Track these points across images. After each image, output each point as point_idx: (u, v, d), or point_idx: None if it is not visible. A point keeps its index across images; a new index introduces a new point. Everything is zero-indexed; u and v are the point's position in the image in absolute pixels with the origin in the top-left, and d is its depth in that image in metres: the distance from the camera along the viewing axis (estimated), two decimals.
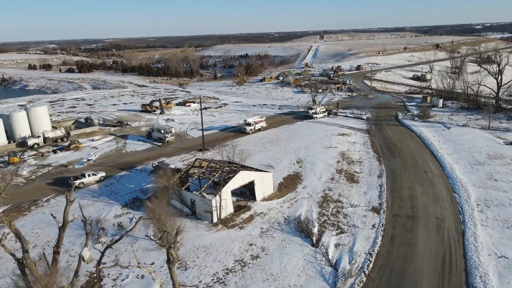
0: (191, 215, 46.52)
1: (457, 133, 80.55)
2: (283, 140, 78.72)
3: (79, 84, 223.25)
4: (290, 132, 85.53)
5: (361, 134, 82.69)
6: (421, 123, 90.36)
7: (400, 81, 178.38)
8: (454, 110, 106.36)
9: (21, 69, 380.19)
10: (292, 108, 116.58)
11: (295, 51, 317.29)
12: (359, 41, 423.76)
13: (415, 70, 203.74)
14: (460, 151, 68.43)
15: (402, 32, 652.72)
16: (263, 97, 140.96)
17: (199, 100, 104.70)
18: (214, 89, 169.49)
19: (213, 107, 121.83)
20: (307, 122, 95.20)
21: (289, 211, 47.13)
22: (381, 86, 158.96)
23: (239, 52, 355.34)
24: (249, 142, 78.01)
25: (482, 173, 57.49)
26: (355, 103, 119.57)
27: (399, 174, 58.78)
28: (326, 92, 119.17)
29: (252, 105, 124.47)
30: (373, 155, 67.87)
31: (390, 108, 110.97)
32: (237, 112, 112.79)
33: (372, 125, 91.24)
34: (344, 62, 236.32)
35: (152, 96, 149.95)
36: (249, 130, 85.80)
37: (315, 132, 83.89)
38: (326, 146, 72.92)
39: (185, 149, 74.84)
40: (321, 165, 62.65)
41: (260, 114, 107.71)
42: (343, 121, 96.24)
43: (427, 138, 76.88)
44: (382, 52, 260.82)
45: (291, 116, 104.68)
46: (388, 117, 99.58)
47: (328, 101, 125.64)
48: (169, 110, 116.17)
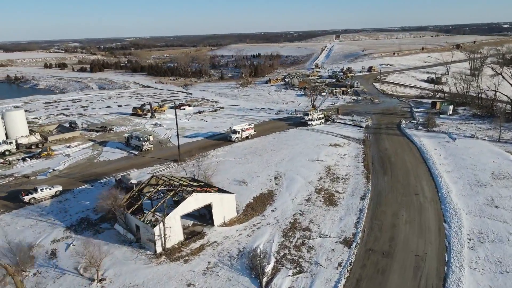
0: (136, 242, 40.95)
1: (462, 145, 72.57)
2: (268, 150, 72.47)
3: (87, 84, 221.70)
4: (278, 141, 79.15)
5: (355, 145, 75.61)
6: (424, 133, 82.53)
7: (413, 84, 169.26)
8: (465, 117, 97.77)
9: (37, 68, 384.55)
10: (290, 113, 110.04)
11: (308, 51, 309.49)
12: (376, 41, 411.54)
13: (431, 72, 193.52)
14: (461, 168, 60.75)
15: (425, 31, 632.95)
16: (263, 101, 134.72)
17: (192, 103, 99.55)
18: (217, 90, 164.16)
19: (208, 110, 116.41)
20: (301, 130, 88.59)
21: (247, 240, 41.01)
22: (391, 89, 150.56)
23: (252, 52, 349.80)
24: (231, 152, 72.15)
25: (482, 197, 49.93)
26: (358, 108, 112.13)
27: (385, 195, 51.77)
28: (325, 96, 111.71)
29: (249, 109, 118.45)
30: (362, 171, 60.92)
31: (394, 115, 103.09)
32: (231, 117, 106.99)
33: (371, 134, 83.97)
34: (357, 63, 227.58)
35: (152, 98, 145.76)
36: (235, 138, 79.90)
37: (305, 142, 77.26)
38: (313, 159, 66.29)
39: (161, 160, 69.46)
40: (300, 182, 56.19)
41: (256, 119, 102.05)
42: (340, 129, 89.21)
43: (427, 151, 69.27)
44: (397, 52, 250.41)
45: (286, 122, 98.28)
46: (389, 125, 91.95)
47: (330, 105, 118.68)
48: (162, 114, 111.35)
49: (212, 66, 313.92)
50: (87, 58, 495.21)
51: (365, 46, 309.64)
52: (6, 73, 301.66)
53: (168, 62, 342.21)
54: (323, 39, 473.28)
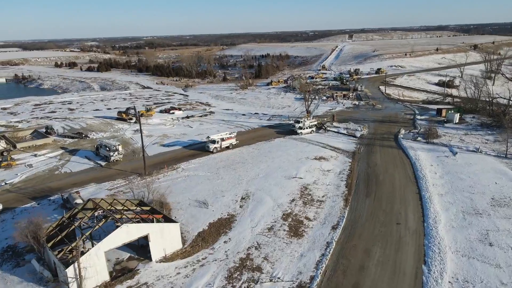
0: (54, 282, 34.90)
1: (462, 161, 64.48)
2: (245, 164, 65.78)
3: (89, 84, 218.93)
4: (260, 152, 72.35)
5: (342, 159, 68.26)
6: (422, 145, 74.55)
7: (423, 87, 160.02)
8: (472, 127, 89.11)
9: (48, 67, 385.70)
10: (283, 119, 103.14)
11: (318, 52, 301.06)
12: (389, 41, 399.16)
13: (443, 74, 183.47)
14: (457, 190, 52.95)
15: (444, 31, 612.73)
16: (259, 104, 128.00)
17: (184, 106, 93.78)
18: (215, 93, 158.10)
19: (197, 115, 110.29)
20: (288, 139, 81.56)
21: (182, 283, 34.54)
22: (397, 93, 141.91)
23: (261, 52, 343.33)
24: (204, 165, 65.74)
25: (475, 230, 42.27)
26: (357, 115, 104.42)
27: (362, 224, 44.56)
28: (319, 101, 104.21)
29: (241, 114, 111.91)
30: (343, 192, 53.73)
31: (394, 123, 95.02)
32: (220, 123, 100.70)
33: (363, 145, 76.47)
34: (366, 64, 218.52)
35: (145, 101, 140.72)
36: (213, 148, 73.49)
37: (288, 154, 70.26)
38: (290, 176, 59.34)
39: (127, 173, 63.51)
40: (268, 205, 49.39)
41: (245, 125, 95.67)
42: (331, 139, 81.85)
43: (422, 168, 61.52)
44: (409, 53, 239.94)
45: (276, 130, 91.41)
46: (386, 135, 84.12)
47: (328, 111, 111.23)
48: (148, 119, 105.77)
49: (220, 66, 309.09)
50: (100, 57, 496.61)
51: (377, 46, 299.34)
52: (15, 73, 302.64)
53: (175, 62, 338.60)
54: (335, 39, 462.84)
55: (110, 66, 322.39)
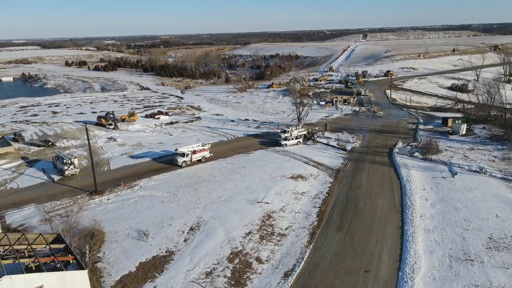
0: None
1: (462, 185, 55.35)
2: (210, 182, 58.15)
3: (90, 84, 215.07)
4: (233, 168, 64.58)
5: (323, 178, 59.91)
6: (418, 163, 65.51)
7: (434, 92, 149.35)
8: (480, 140, 79.25)
9: (59, 66, 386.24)
10: (273, 126, 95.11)
11: (329, 52, 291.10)
12: (405, 41, 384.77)
13: (458, 77, 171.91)
14: (448, 225, 44.13)
15: (467, 30, 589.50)
16: (253, 109, 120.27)
17: (174, 110, 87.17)
18: (212, 95, 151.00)
19: (182, 121, 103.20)
20: (270, 152, 73.50)
21: None
22: (405, 98, 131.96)
23: (271, 52, 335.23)
24: (166, 183, 58.41)
25: (461, 284, 33.58)
26: (354, 123, 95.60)
27: (322, 271, 36.40)
28: (307, 108, 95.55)
29: (230, 121, 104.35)
30: (311, 223, 45.56)
31: (393, 133, 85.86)
32: (204, 130, 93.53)
33: (352, 161, 67.90)
34: (376, 66, 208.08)
35: (137, 104, 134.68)
36: (181, 162, 66.17)
37: (262, 171, 62.28)
38: (256, 200, 51.41)
39: (77, 190, 56.69)
40: (218, 239, 41.68)
41: (230, 134, 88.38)
42: (318, 152, 73.45)
43: (412, 193, 52.74)
44: (423, 54, 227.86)
45: (261, 139, 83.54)
46: (381, 148, 75.17)
47: (324, 118, 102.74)
48: (129, 124, 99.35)
49: (229, 66, 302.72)
50: (113, 56, 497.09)
51: (391, 47, 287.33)
52: (24, 71, 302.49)
53: (184, 62, 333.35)
54: (348, 39, 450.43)
55: (117, 66, 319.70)
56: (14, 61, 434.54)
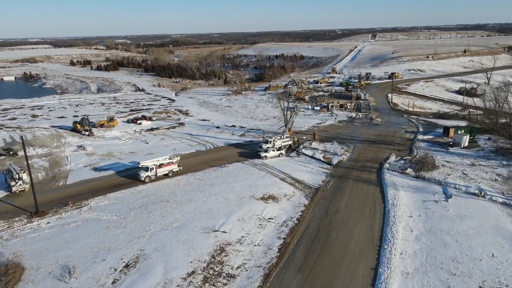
0: None
1: (455, 211, 47.69)
2: (168, 203, 51.51)
3: (88, 85, 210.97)
4: (200, 185, 57.84)
5: (298, 199, 52.75)
6: (409, 182, 57.90)
7: (440, 96, 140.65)
8: (483, 154, 71.08)
9: (65, 65, 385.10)
10: (259, 134, 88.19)
11: (335, 52, 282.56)
12: (415, 41, 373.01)
13: (467, 80, 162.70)
14: (432, 267, 36.69)
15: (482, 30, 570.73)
16: (243, 114, 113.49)
17: (160, 115, 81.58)
18: (205, 98, 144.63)
19: (164, 127, 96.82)
20: (246, 166, 66.56)
21: None
22: (407, 103, 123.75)
23: (277, 52, 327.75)
24: (119, 203, 51.94)
25: None
26: (347, 132, 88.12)
27: None
28: (293, 116, 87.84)
29: (215, 127, 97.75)
30: (270, 260, 38.55)
31: (388, 144, 78.13)
32: (184, 138, 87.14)
33: (335, 177, 60.58)
34: (382, 68, 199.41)
35: (123, 107, 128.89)
36: (144, 177, 59.67)
37: (231, 190, 55.38)
38: (213, 227, 44.58)
39: (18, 212, 50.49)
40: (152, 282, 35.00)
41: (211, 142, 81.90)
42: (299, 166, 66.25)
43: (395, 222, 45.32)
44: (432, 56, 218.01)
45: (242, 149, 76.71)
46: (370, 162, 67.61)
47: (316, 124, 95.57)
48: (107, 130, 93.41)
49: (233, 67, 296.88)
50: (120, 55, 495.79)
51: (399, 47, 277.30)
52: (27, 70, 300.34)
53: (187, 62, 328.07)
54: (357, 38, 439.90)
55: (121, 65, 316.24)
56: (21, 60, 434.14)
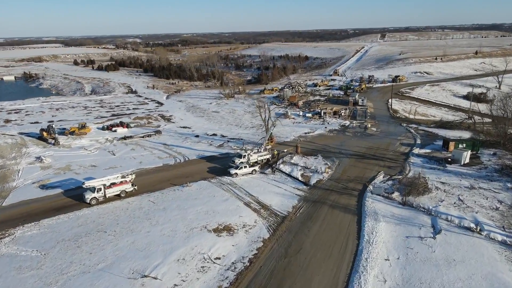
0: None
1: (443, 253, 39.21)
2: (106, 234, 44.00)
3: (83, 85, 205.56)
4: (149, 210, 50.23)
5: (258, 232, 44.78)
6: (394, 209, 49.44)
7: (446, 101, 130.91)
8: (486, 173, 62.12)
9: (69, 64, 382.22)
10: (238, 145, 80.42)
11: (340, 53, 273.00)
12: (425, 41, 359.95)
13: (476, 84, 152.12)
14: None
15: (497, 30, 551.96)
16: (228, 121, 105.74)
17: (141, 121, 75.01)
18: (195, 102, 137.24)
19: (139, 135, 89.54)
20: (212, 185, 58.77)
21: None
22: (409, 109, 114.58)
23: (282, 52, 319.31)
24: (49, 233, 44.68)
25: None
26: (336, 143, 79.68)
27: None
28: (272, 126, 79.19)
29: (194, 136, 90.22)
30: None
31: (378, 159, 69.49)
32: (156, 148, 79.84)
33: (310, 202, 52.49)
34: (387, 70, 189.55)
35: (106, 111, 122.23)
36: (90, 199, 52.40)
37: (183, 217, 47.68)
38: (142, 271, 36.94)
39: None
40: None
41: (184, 154, 74.75)
42: (271, 186, 58.25)
43: (367, 267, 37.11)
44: (441, 57, 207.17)
45: (213, 164, 68.97)
46: (354, 182, 59.15)
47: (303, 134, 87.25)
48: (76, 139, 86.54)
49: (236, 67, 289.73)
50: (127, 54, 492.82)
51: (408, 48, 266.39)
52: (29, 70, 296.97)
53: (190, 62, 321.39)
54: (365, 38, 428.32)
55: (122, 66, 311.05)
56: (27, 59, 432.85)
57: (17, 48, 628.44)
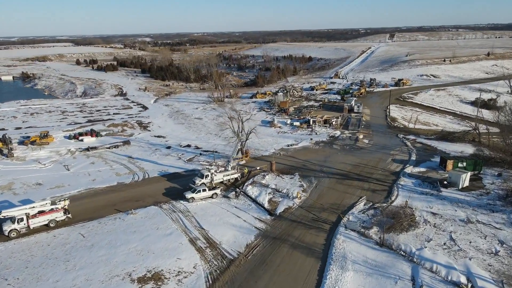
0: None
1: None
2: (6, 282, 35.68)
3: (75, 86, 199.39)
4: (74, 247, 42.06)
5: (192, 283, 36.11)
6: (368, 252, 40.40)
7: (451, 108, 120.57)
8: (487, 201, 52.55)
9: (71, 64, 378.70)
10: (210, 158, 71.82)
11: (345, 54, 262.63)
12: (435, 42, 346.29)
13: (486, 89, 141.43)
14: None
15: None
16: (208, 129, 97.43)
17: (116, 128, 67.78)
18: (181, 106, 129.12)
19: (105, 146, 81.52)
20: (159, 213, 50.34)
21: None
22: (409, 117, 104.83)
23: (286, 52, 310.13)
24: None
25: None
26: (319, 158, 70.62)
27: None
28: (238, 142, 69.47)
29: (166, 147, 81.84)
30: None
31: (363, 181, 60.26)
32: (119, 162, 71.78)
33: (269, 239, 43.59)
34: (391, 72, 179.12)
35: (83, 115, 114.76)
36: (9, 231, 44.40)
37: (108, 260, 39.20)
38: None
39: None
40: None
41: (148, 169, 66.92)
42: (229, 216, 49.62)
43: None
44: (450, 59, 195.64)
45: (174, 184, 60.57)
46: (328, 211, 50.12)
47: (285, 147, 78.22)
48: (38, 149, 78.99)
49: (238, 68, 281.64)
50: (133, 53, 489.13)
51: (416, 49, 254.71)
52: (26, 70, 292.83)
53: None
54: (373, 39, 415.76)
55: (123, 66, 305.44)
56: (31, 58, 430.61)
57: (27, 47, 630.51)
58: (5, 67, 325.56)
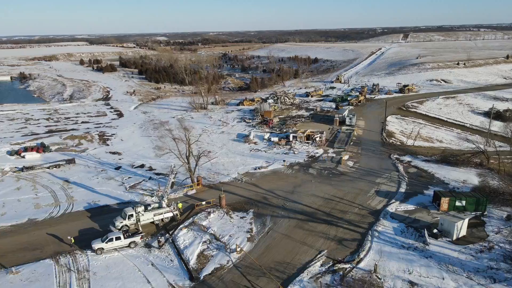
0: None
1: None
2: None
3: (65, 88, 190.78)
4: None
5: None
6: None
7: (461, 119, 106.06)
8: (489, 261, 39.41)
9: (75, 64, 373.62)
10: (157, 185, 59.93)
11: (353, 55, 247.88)
12: (451, 43, 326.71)
13: (502, 97, 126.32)
14: None
15: None
16: (174, 144, 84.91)
17: (73, 140, 56.54)
18: (161, 113, 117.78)
19: (44, 166, 70.30)
20: (53, 270, 38.46)
21: None
22: (410, 131, 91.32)
23: (293, 53, 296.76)
24: None
25: None
26: (288, 188, 58.20)
27: None
28: (172, 175, 56.40)
29: (115, 168, 70.21)
30: None
31: (332, 224, 47.43)
32: (50, 187, 60.41)
33: None
34: (398, 76, 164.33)
35: (55, 123, 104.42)
36: None
37: None
38: None
39: None
40: None
41: (80, 197, 56.78)
42: (139, 276, 37.66)
43: None
44: (464, 62, 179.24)
45: (92, 224, 48.59)
46: (266, 279, 37.37)
47: (253, 170, 65.82)
48: None
49: (242, 69, 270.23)
50: (142, 53, 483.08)
51: (430, 50, 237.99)
52: (26, 70, 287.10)
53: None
54: (385, 39, 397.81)
55: (124, 66, 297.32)
56: (37, 58, 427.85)
57: (42, 46, 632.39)
58: (8, 67, 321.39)
